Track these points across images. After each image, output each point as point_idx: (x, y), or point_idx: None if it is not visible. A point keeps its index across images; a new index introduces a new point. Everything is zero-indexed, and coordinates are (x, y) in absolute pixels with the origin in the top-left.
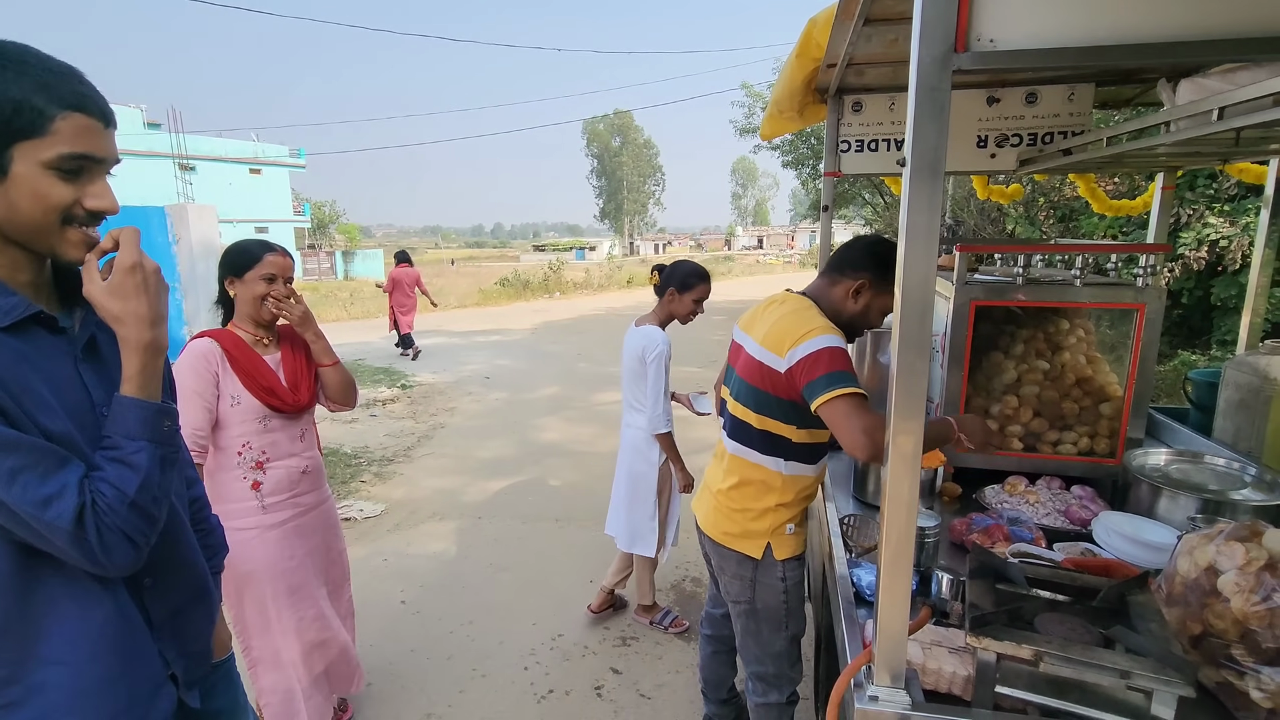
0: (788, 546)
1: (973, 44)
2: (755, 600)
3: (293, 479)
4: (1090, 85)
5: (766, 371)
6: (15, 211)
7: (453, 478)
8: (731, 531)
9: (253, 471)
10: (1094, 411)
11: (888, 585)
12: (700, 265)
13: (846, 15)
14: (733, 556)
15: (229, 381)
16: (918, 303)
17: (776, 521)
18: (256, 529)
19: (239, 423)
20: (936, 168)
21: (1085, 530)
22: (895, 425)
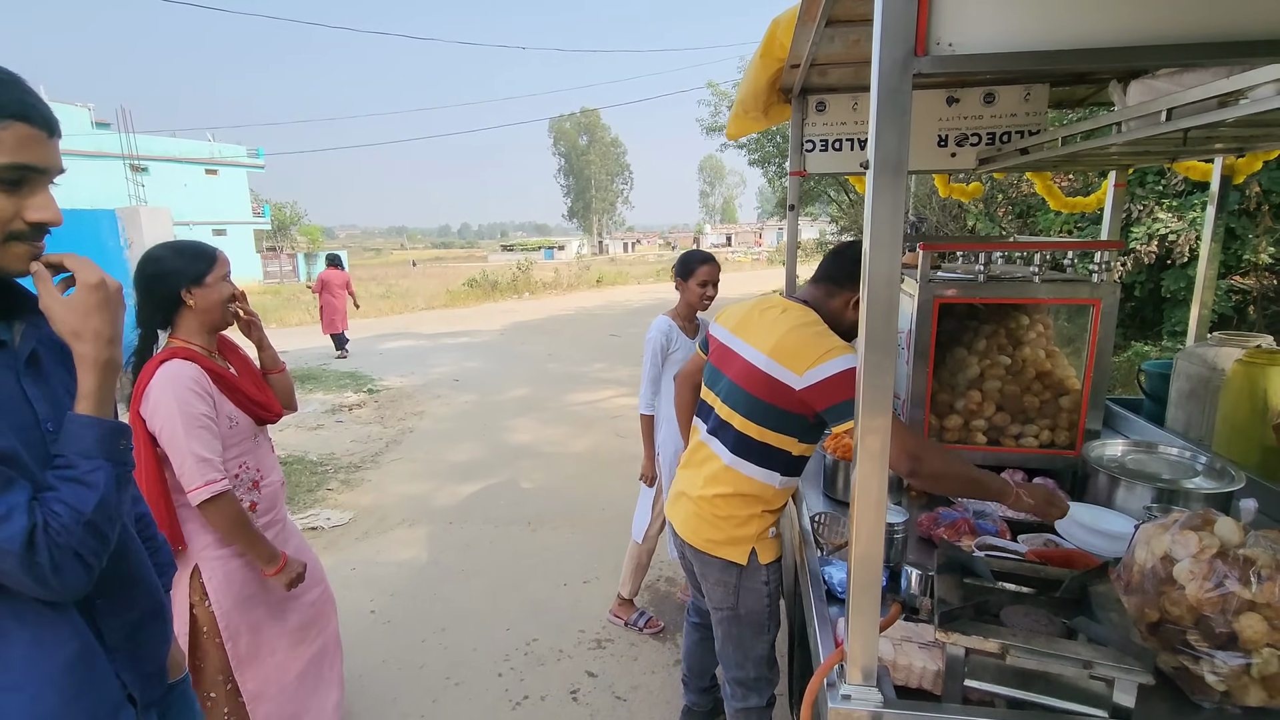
0: (771, 550)
1: (932, 48)
2: (739, 606)
3: (276, 493)
4: (1045, 86)
5: (775, 385)
6: None
7: (422, 483)
8: (715, 539)
9: (250, 492)
10: (1054, 404)
11: (858, 584)
12: (701, 251)
13: (809, 17)
14: (716, 564)
15: (223, 402)
16: (883, 302)
17: (761, 527)
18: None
19: (238, 443)
20: (899, 169)
21: (1048, 522)
22: (863, 424)
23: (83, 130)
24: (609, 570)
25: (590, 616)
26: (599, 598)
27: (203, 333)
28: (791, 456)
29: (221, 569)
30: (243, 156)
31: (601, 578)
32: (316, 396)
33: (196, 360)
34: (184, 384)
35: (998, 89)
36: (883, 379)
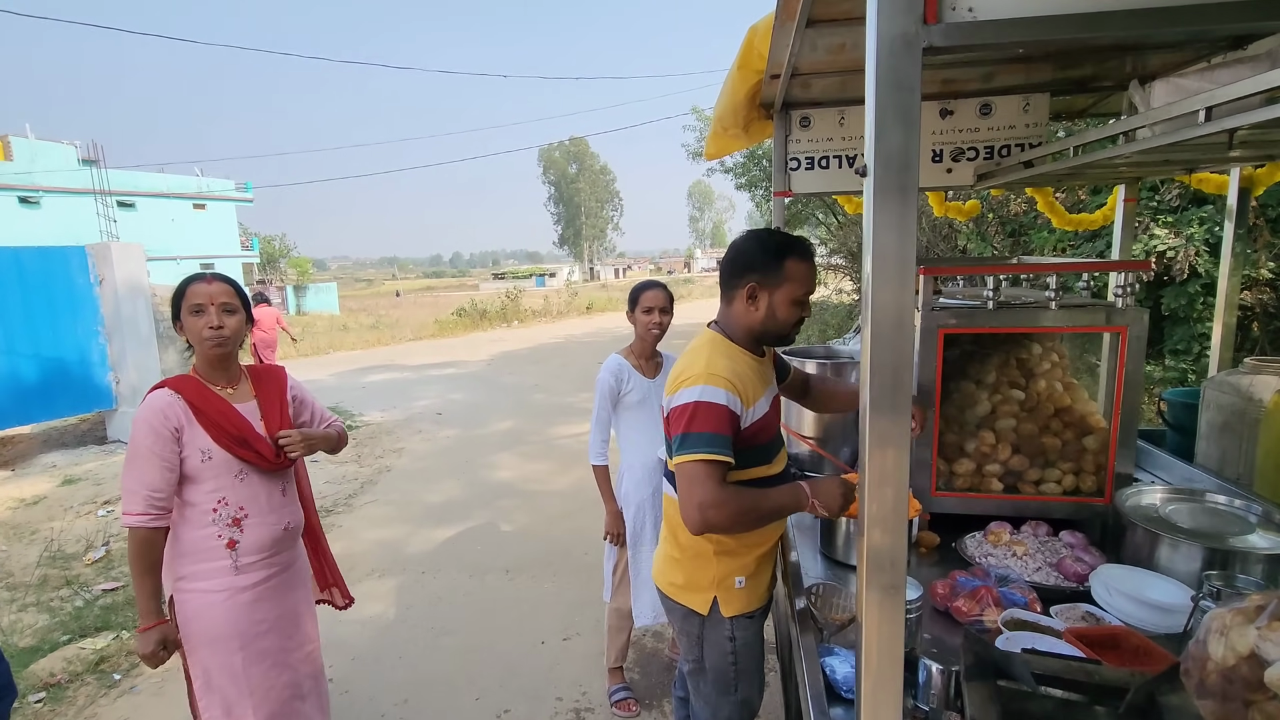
0: (737, 602)
1: (946, 14)
2: (703, 659)
3: (274, 537)
4: (1045, 95)
5: (669, 418)
6: None
7: (396, 527)
8: (676, 582)
9: (229, 529)
10: (1077, 445)
11: (873, 693)
12: (648, 279)
13: (788, 15)
14: (678, 610)
15: (195, 434)
16: (892, 350)
17: (722, 573)
18: (226, 591)
19: (212, 478)
20: (906, 175)
21: (1083, 588)
22: (869, 523)
23: (68, 167)
24: (590, 625)
25: (568, 681)
26: (578, 658)
27: (204, 363)
28: None
29: (193, 603)
30: (231, 190)
31: (582, 634)
32: None
33: (186, 390)
34: (146, 414)
35: (995, 99)
36: (895, 451)
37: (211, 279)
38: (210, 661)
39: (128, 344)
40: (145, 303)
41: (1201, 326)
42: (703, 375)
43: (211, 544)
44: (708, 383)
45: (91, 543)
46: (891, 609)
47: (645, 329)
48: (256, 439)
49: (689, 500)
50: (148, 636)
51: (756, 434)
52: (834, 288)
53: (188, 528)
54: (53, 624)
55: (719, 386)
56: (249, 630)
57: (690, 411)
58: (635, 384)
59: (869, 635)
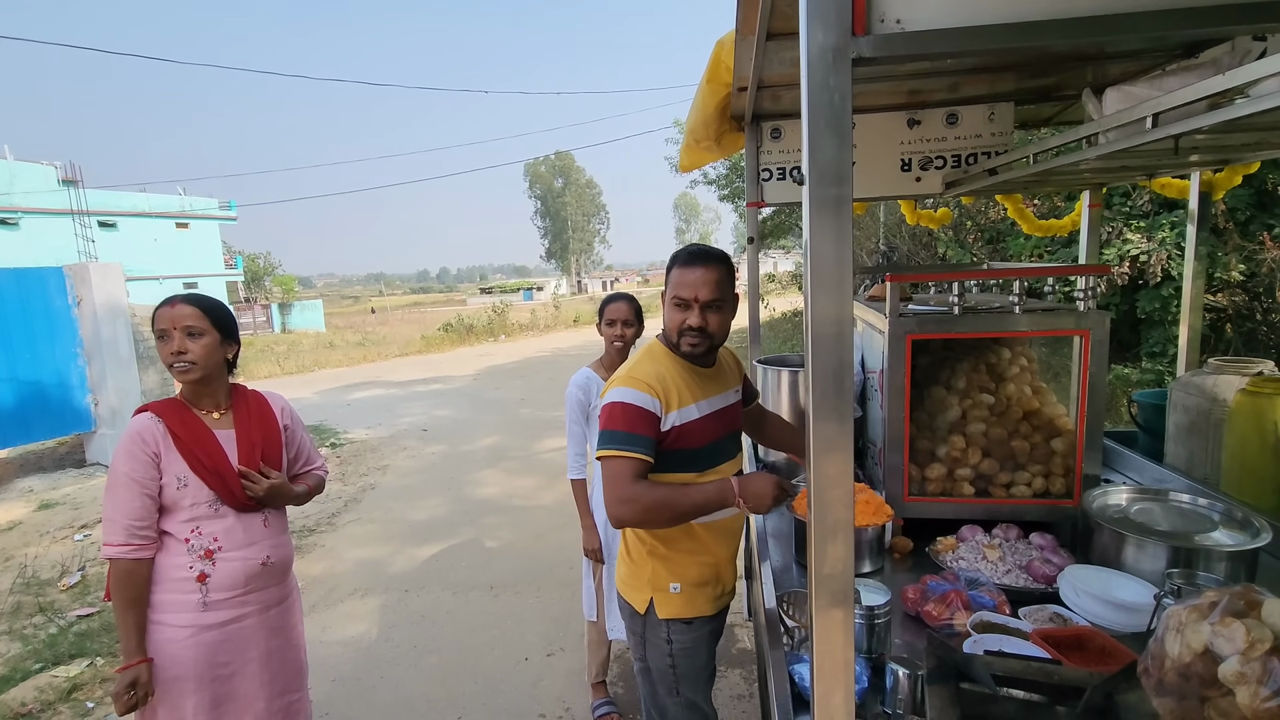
0: (671, 606)
1: (874, 25)
2: (646, 658)
3: (249, 573)
4: (1010, 104)
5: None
6: None
7: (379, 546)
8: (623, 578)
9: (200, 561)
10: (1045, 448)
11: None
12: (616, 291)
13: (748, 30)
14: (626, 607)
15: (172, 460)
16: (831, 359)
17: (655, 575)
18: (190, 629)
19: (188, 506)
20: (841, 185)
21: (1051, 589)
22: (817, 527)
23: (49, 188)
24: (574, 640)
25: (552, 698)
26: (562, 674)
27: (189, 388)
28: None
29: (155, 636)
30: (214, 209)
31: (566, 649)
32: None
33: (167, 415)
34: (125, 440)
35: (961, 109)
36: (839, 457)
37: (178, 301)
38: (160, 695)
39: (107, 365)
40: (125, 323)
41: (1176, 329)
42: (623, 378)
43: (181, 575)
44: (626, 384)
45: (67, 568)
46: (841, 613)
47: (610, 341)
48: (228, 470)
49: (606, 494)
50: (121, 676)
51: (679, 438)
52: None
53: (163, 554)
54: (25, 652)
55: (635, 388)
56: (206, 674)
57: (608, 410)
58: None
59: (819, 640)
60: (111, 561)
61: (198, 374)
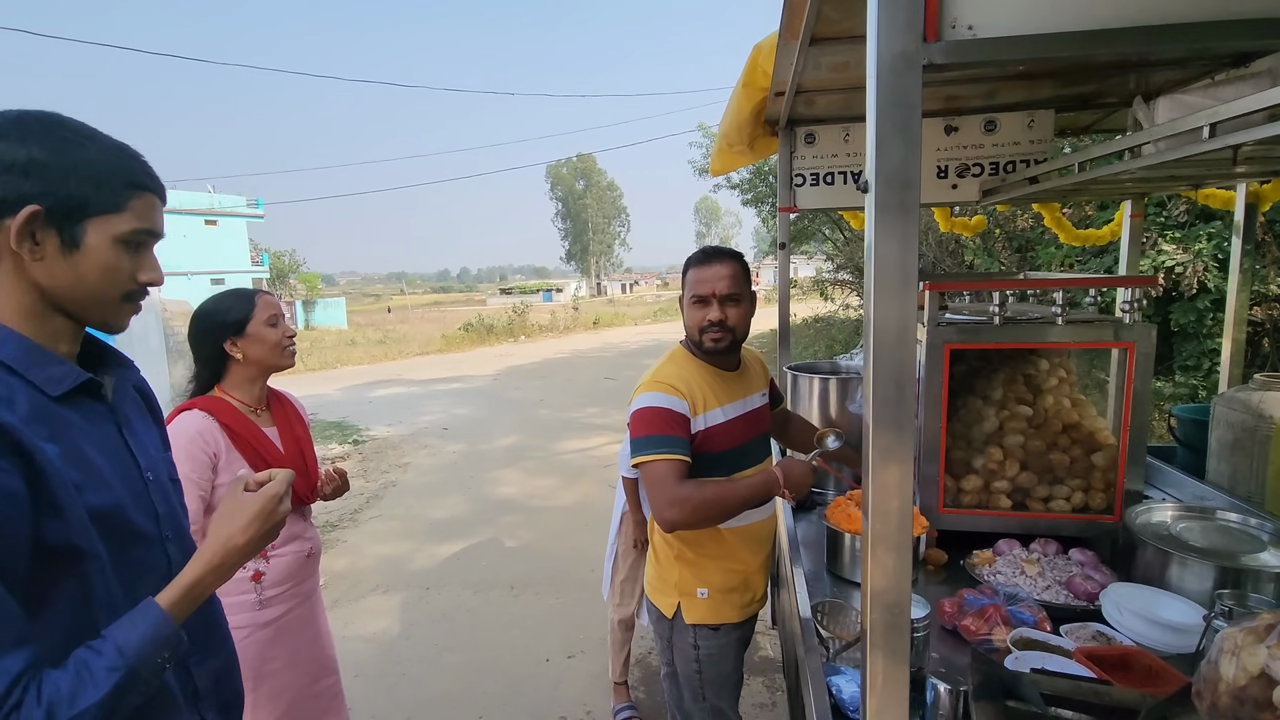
0: (699, 612)
1: (946, 32)
2: (674, 663)
3: (298, 564)
4: (1050, 111)
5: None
6: (81, 282)
7: (401, 543)
8: (650, 580)
9: (255, 561)
10: (1085, 462)
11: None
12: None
13: (791, 34)
14: (653, 610)
15: (232, 460)
16: (893, 368)
17: (682, 580)
18: (247, 628)
19: None
20: (908, 192)
21: (1093, 606)
22: (873, 539)
23: None
24: (594, 643)
25: (572, 700)
26: (583, 676)
27: (248, 383)
28: None
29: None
30: (242, 206)
31: (586, 651)
32: None
33: (219, 413)
34: (181, 440)
35: (999, 116)
36: (899, 465)
37: (264, 291)
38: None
39: (137, 358)
40: (156, 318)
41: (1211, 342)
42: (648, 383)
43: (238, 575)
44: (652, 389)
45: None
46: (896, 626)
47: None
48: (296, 467)
49: (653, 501)
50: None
51: (705, 442)
52: (840, 303)
53: None
54: None
55: (662, 391)
56: (262, 669)
57: (638, 416)
58: None
59: (874, 654)
60: None
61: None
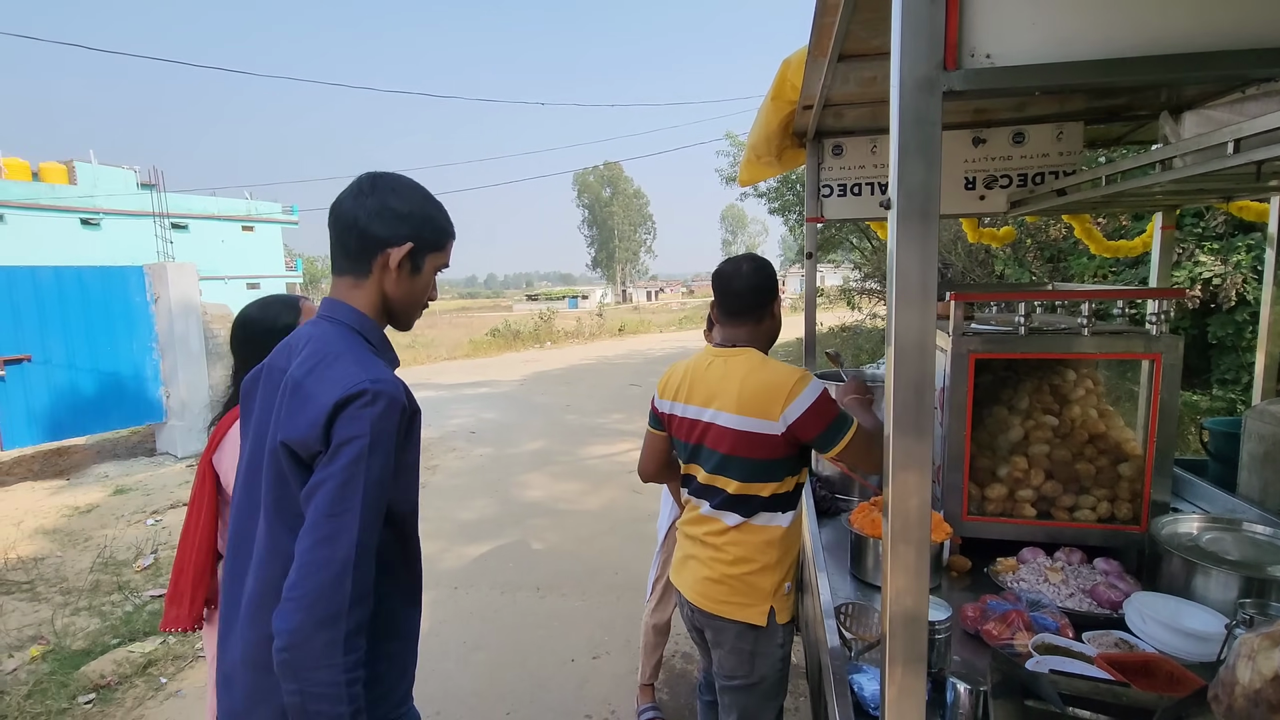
0: (788, 608)
1: (965, 60)
2: (753, 674)
3: None
4: (1079, 124)
5: (758, 440)
6: (410, 296)
7: (430, 543)
8: (732, 600)
9: None
10: (1112, 472)
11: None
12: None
13: (820, 52)
14: (732, 629)
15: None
16: (914, 373)
17: (777, 580)
18: None
19: None
20: (928, 209)
21: (1116, 615)
22: (893, 541)
23: (128, 190)
24: (619, 644)
25: (597, 699)
26: (607, 677)
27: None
28: (788, 494)
29: None
30: (277, 213)
31: (611, 653)
32: None
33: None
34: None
35: (1028, 128)
36: (918, 469)
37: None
38: None
39: (179, 360)
40: (196, 320)
41: (1250, 356)
42: (802, 377)
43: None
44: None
45: (141, 550)
46: (915, 621)
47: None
48: None
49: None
50: None
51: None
52: (868, 312)
53: None
54: (104, 628)
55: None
56: None
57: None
58: None
59: (893, 648)
60: None
61: None
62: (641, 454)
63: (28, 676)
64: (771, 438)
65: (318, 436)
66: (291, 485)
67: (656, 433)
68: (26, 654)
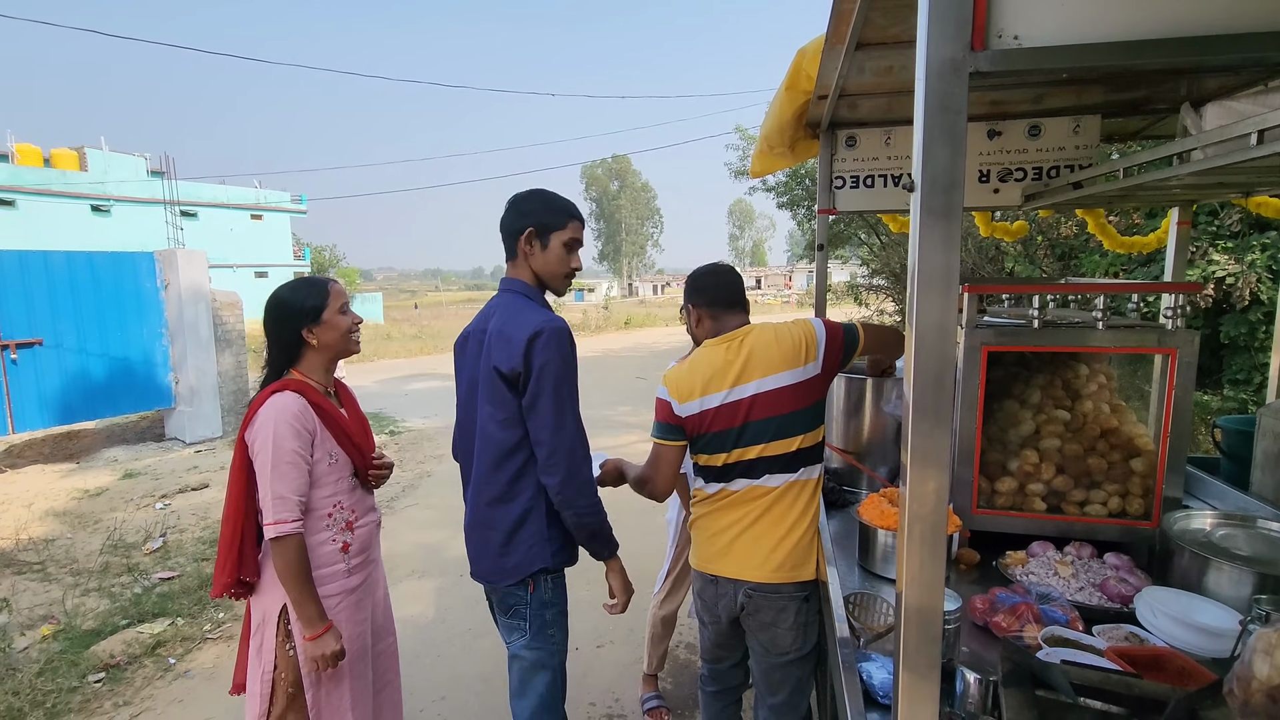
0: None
1: (993, 41)
2: (806, 643)
3: (371, 534)
4: (1097, 117)
5: (805, 387)
6: (548, 266)
7: (436, 531)
8: (797, 563)
9: (343, 533)
10: (1124, 467)
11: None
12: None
13: (837, 39)
14: (792, 605)
15: (325, 438)
16: (934, 361)
17: (814, 533)
18: (340, 594)
19: (334, 481)
20: (952, 195)
21: (1127, 609)
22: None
23: (138, 177)
24: (622, 634)
25: (600, 688)
26: (611, 666)
27: (322, 368)
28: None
29: None
30: (286, 202)
31: (615, 642)
32: None
33: (307, 394)
34: (285, 417)
35: (1044, 121)
36: (936, 460)
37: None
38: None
39: (188, 346)
40: (206, 307)
41: (1263, 356)
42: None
43: (328, 549)
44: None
45: (150, 533)
46: (929, 613)
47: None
48: (367, 445)
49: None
50: (333, 634)
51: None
52: (875, 308)
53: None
54: (113, 609)
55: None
56: (352, 632)
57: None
58: None
59: (907, 636)
60: (283, 539)
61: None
62: (657, 474)
63: (39, 655)
64: (816, 379)
65: (520, 361)
66: (501, 397)
67: (675, 444)
68: (38, 633)
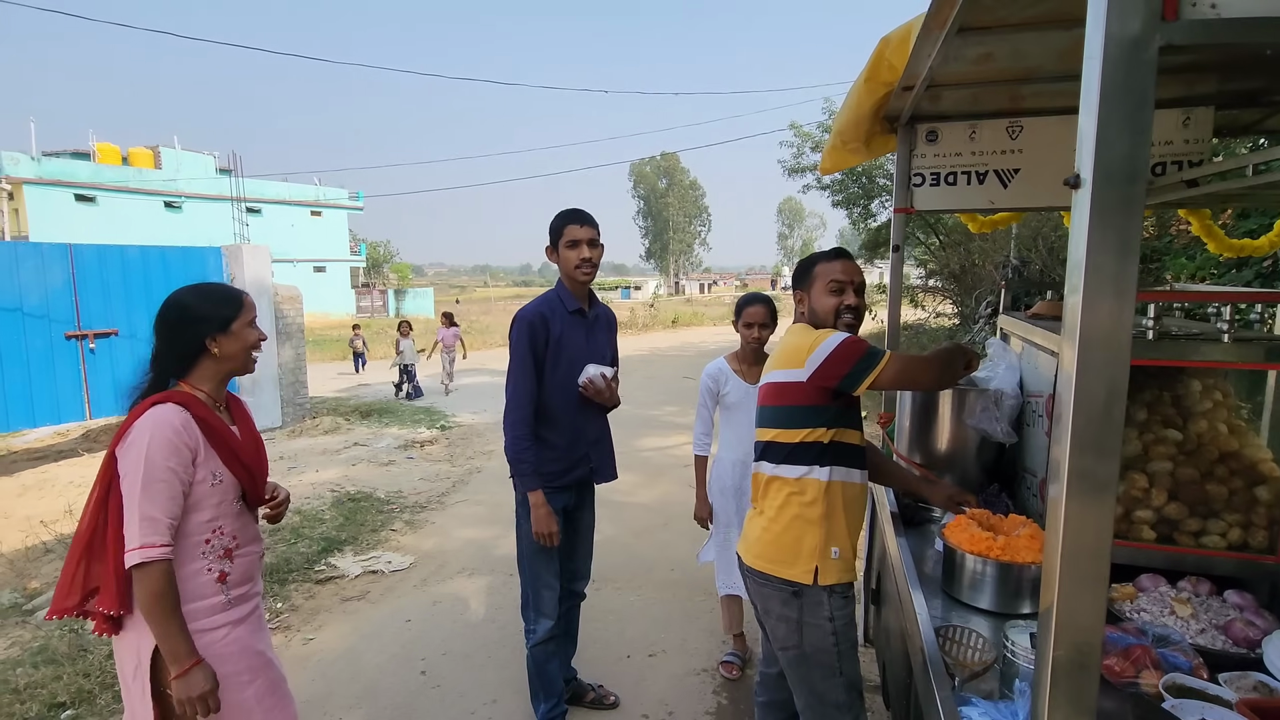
0: (835, 572)
1: (1186, 10)
2: (803, 644)
3: (254, 565)
4: (1209, 109)
5: (787, 388)
6: (565, 265)
7: (486, 528)
8: (776, 557)
9: (219, 561)
10: (1246, 495)
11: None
12: (754, 293)
13: (938, 24)
14: (777, 594)
15: (209, 457)
16: (1104, 381)
17: (820, 538)
18: (224, 627)
19: (215, 504)
20: (1133, 190)
21: (1254, 654)
22: (1064, 579)
23: (207, 175)
24: (675, 643)
25: (653, 699)
26: (664, 676)
27: (215, 380)
28: (824, 445)
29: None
30: (344, 199)
31: (668, 651)
32: (391, 431)
33: (192, 407)
34: (165, 431)
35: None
36: (1102, 495)
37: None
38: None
39: None
40: (268, 300)
41: None
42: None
43: (203, 579)
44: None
45: None
46: (1085, 666)
47: (747, 341)
48: (258, 468)
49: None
50: (201, 672)
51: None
52: (932, 310)
53: (179, 566)
54: None
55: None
56: (256, 662)
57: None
58: (733, 385)
59: (1055, 694)
60: (149, 565)
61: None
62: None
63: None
64: (798, 384)
65: None
66: None
67: None
68: None
